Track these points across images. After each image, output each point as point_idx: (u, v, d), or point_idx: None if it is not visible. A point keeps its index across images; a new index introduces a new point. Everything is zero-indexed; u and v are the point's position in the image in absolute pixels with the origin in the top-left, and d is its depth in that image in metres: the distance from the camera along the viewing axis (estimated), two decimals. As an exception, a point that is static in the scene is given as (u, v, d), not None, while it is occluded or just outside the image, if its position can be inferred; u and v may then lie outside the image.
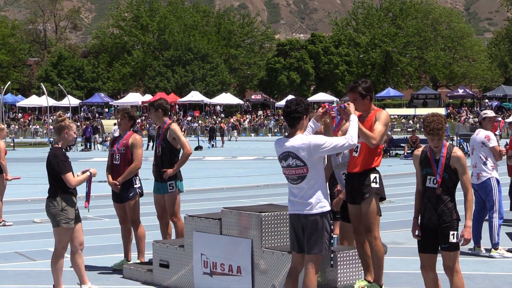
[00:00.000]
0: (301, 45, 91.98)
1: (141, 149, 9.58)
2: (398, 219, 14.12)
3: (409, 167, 28.47)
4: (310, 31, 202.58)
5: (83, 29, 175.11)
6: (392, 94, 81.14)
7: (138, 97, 79.36)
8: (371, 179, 7.44)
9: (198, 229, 8.18)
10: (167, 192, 9.66)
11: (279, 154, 6.68)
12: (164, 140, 9.69)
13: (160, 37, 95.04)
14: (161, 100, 9.92)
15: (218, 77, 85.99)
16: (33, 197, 19.18)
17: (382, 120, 7.43)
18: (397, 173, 24.88)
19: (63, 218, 7.95)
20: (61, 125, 8.03)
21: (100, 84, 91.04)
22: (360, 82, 7.61)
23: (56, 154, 7.95)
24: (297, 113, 6.58)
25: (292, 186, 6.63)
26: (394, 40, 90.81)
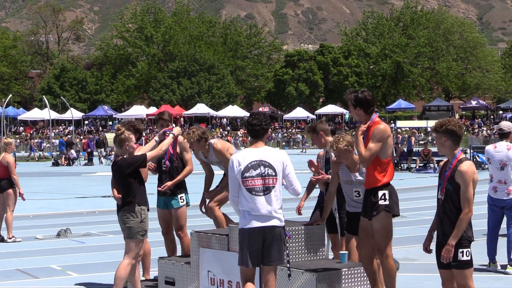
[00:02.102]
0: (310, 56, 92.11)
1: (148, 161, 9.57)
2: (410, 235, 14.09)
3: (421, 181, 28.42)
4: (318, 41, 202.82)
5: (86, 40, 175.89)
6: (403, 106, 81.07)
7: (142, 110, 79.54)
8: (379, 196, 7.34)
9: (204, 245, 8.18)
10: (177, 206, 9.67)
11: (248, 163, 6.80)
12: (173, 153, 9.72)
13: (165, 48, 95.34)
14: (169, 113, 10.01)
15: (225, 89, 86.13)
16: (35, 213, 19.20)
17: (375, 137, 7.29)
18: (409, 187, 24.82)
19: (141, 230, 8.24)
20: (121, 138, 8.29)
21: (104, 96, 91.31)
22: (357, 91, 7.50)
23: (125, 161, 8.20)
24: (262, 126, 6.94)
25: (256, 198, 6.75)
26: (405, 51, 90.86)
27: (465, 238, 6.51)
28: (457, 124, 6.58)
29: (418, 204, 19.26)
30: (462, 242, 6.49)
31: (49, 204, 21.33)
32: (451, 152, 6.61)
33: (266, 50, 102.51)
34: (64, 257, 12.39)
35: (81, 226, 16.39)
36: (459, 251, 6.47)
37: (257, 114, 7.08)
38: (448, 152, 6.63)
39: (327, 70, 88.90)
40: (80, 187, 28.06)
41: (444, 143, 6.61)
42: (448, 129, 6.56)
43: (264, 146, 6.93)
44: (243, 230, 6.80)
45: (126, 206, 8.20)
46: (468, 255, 6.51)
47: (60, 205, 21.19)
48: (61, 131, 76.86)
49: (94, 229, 15.87)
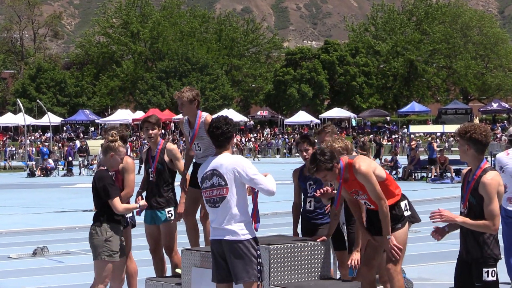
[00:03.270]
0: (313, 54, 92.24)
1: (133, 174, 9.54)
2: (425, 252, 14.08)
3: (437, 192, 28.43)
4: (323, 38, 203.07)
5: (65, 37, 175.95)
6: (417, 109, 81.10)
7: (128, 114, 79.58)
8: (403, 208, 7.67)
9: (197, 264, 8.18)
10: (166, 221, 9.69)
11: (204, 173, 7.10)
12: (161, 162, 9.74)
13: (153, 46, 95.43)
14: (157, 117, 10.02)
15: (219, 91, 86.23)
16: (8, 229, 19.18)
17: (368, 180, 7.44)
18: (424, 199, 24.83)
19: (106, 250, 8.07)
20: (109, 145, 8.27)
21: (85, 99, 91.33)
22: (318, 156, 7.53)
23: (102, 176, 8.17)
24: (228, 133, 7.07)
25: (212, 210, 7.07)
26: (419, 48, 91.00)
27: (491, 256, 6.48)
28: (483, 133, 6.51)
29: (434, 218, 19.25)
30: (488, 261, 6.46)
31: (24, 219, 21.31)
32: (474, 161, 6.57)
33: (265, 47, 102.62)
34: (40, 279, 12.37)
35: (59, 243, 16.37)
36: (483, 270, 6.45)
37: (217, 119, 7.17)
38: (471, 161, 6.59)
39: (333, 69, 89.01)
40: (59, 200, 28.03)
41: (466, 151, 6.57)
42: (473, 138, 6.50)
43: (223, 154, 7.08)
44: (211, 242, 7.15)
45: (95, 221, 8.18)
46: (494, 275, 6.48)
47: (36, 220, 21.17)
48: (38, 138, 76.83)
49: (74, 247, 15.85)
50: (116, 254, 8.09)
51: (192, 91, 9.56)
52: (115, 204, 8.06)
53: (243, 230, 6.94)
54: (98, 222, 8.13)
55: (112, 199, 8.06)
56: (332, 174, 7.53)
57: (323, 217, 8.95)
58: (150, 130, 9.82)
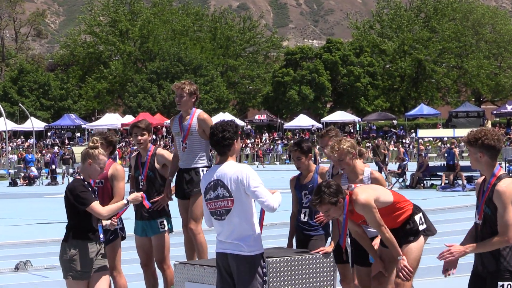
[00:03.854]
0: (315, 53, 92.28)
1: (123, 181, 9.57)
2: (434, 264, 14.03)
3: (448, 201, 28.41)
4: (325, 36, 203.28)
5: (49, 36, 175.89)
6: (425, 112, 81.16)
7: (116, 119, 79.60)
8: (418, 222, 7.71)
9: (191, 279, 8.17)
10: (156, 233, 9.69)
11: (208, 183, 7.08)
12: (151, 169, 9.75)
13: (143, 45, 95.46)
14: (148, 122, 10.04)
15: (214, 93, 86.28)
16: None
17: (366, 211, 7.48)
18: (433, 208, 24.80)
19: (71, 270, 7.89)
20: (87, 152, 8.06)
21: (70, 103, 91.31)
22: (324, 189, 7.53)
23: (74, 186, 7.94)
24: (226, 139, 7.01)
25: (218, 223, 7.07)
26: (428, 47, 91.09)
27: (507, 269, 6.48)
28: (495, 137, 6.48)
29: (444, 228, 19.24)
30: (504, 274, 6.46)
31: (6, 232, 21.27)
32: (488, 168, 6.54)
33: (263, 47, 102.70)
34: (23, 295, 12.33)
35: (43, 257, 16.33)
36: (499, 284, 6.44)
37: (215, 124, 7.14)
38: (485, 169, 6.55)
39: (335, 70, 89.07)
40: (43, 211, 27.99)
41: (479, 159, 6.53)
42: (485, 144, 6.46)
43: (227, 162, 7.05)
44: (216, 255, 7.18)
45: (64, 237, 7.99)
46: None
47: (18, 232, 21.13)
48: (20, 144, 76.79)
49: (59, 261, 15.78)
50: (83, 274, 7.84)
51: (192, 85, 9.76)
52: (96, 209, 7.80)
53: (251, 244, 6.95)
54: (65, 238, 7.93)
55: (90, 205, 7.78)
56: (335, 209, 7.50)
57: (317, 228, 8.98)
58: (139, 136, 9.83)
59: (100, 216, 7.89)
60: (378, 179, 8.35)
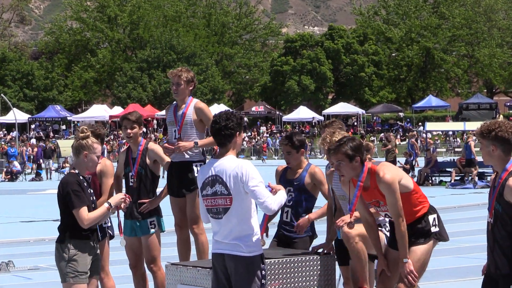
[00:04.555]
0: (316, 41, 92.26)
1: (112, 178, 9.57)
2: (443, 267, 14.08)
3: (458, 199, 28.43)
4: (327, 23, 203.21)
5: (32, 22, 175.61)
6: (434, 104, 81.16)
7: (104, 110, 79.50)
8: (431, 222, 7.67)
9: (183, 281, 8.16)
10: (147, 233, 9.68)
11: (205, 178, 7.05)
12: (142, 165, 9.74)
13: (133, 32, 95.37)
14: (139, 114, 10.01)
15: (208, 84, 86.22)
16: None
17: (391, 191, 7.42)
18: (443, 207, 24.78)
19: (71, 271, 7.77)
20: (80, 143, 7.92)
21: (56, 93, 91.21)
22: (346, 140, 7.55)
23: (68, 181, 7.80)
24: (228, 129, 6.95)
25: (214, 221, 7.05)
26: (436, 34, 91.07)
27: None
28: (510, 129, 6.47)
29: (454, 228, 19.25)
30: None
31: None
32: (500, 163, 6.54)
33: (261, 34, 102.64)
34: (5, 298, 12.34)
35: (27, 258, 16.34)
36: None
37: (218, 114, 7.09)
38: (497, 164, 6.55)
39: (338, 59, 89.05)
40: (26, 208, 27.99)
41: (492, 152, 6.53)
42: (499, 136, 6.46)
43: (226, 156, 7.00)
44: (212, 255, 7.15)
45: (58, 237, 7.88)
46: None
47: (0, 231, 21.14)
48: (2, 138, 76.75)
49: (43, 261, 15.78)
50: (83, 275, 7.76)
51: (190, 72, 9.78)
52: (81, 215, 7.64)
53: (250, 245, 6.92)
54: (61, 239, 7.82)
55: (77, 208, 7.64)
56: (348, 165, 7.43)
57: None
58: (129, 129, 9.79)
59: (82, 224, 7.69)
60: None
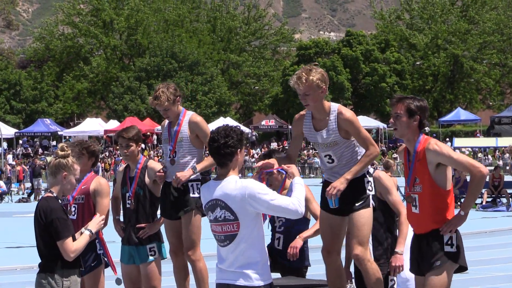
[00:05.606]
0: (332, 48, 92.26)
1: (107, 198, 9.61)
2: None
3: (490, 222, 28.29)
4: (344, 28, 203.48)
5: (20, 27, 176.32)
6: (463, 118, 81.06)
7: (99, 124, 79.53)
8: (445, 241, 7.62)
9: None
10: (146, 260, 9.69)
11: (206, 203, 7.02)
12: (141, 185, 9.75)
13: (131, 38, 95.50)
14: (137, 129, 10.00)
15: (214, 95, 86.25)
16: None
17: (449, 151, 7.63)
18: (473, 231, 24.69)
19: None
20: (60, 162, 7.80)
21: (45, 106, 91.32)
22: (412, 96, 7.86)
23: (52, 207, 7.63)
24: (228, 147, 6.90)
25: (220, 249, 7.01)
26: (465, 40, 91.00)
27: None
28: None
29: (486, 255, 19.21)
30: None
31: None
32: None
33: (271, 40, 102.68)
34: (-11, 331, 12.33)
35: (13, 287, 16.34)
36: None
37: (217, 129, 7.04)
38: None
39: (357, 67, 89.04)
40: (12, 233, 27.99)
41: None
42: None
43: (227, 177, 6.95)
44: (216, 286, 7.10)
45: (44, 268, 7.73)
46: None
47: (-17, 258, 21.12)
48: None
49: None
50: None
51: (168, 88, 9.64)
52: (66, 246, 7.55)
53: (259, 274, 6.88)
54: (48, 269, 7.66)
55: (63, 240, 7.55)
56: (406, 121, 7.68)
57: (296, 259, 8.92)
58: (125, 149, 9.82)
59: (66, 257, 7.59)
60: (350, 119, 8.22)
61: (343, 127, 8.18)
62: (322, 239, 8.55)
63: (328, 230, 8.49)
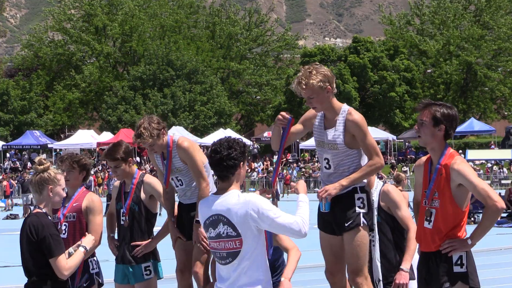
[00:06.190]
0: (338, 55, 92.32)
1: (100, 215, 9.61)
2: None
3: (505, 239, 28.27)
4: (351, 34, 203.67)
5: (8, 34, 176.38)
6: (476, 128, 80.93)
7: (91, 136, 79.49)
8: (454, 261, 7.64)
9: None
10: (141, 280, 9.73)
11: (206, 219, 6.99)
12: (136, 201, 9.80)
13: (125, 45, 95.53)
14: (123, 145, 10.04)
15: (213, 105, 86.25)
16: None
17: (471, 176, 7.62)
18: (487, 248, 24.70)
19: None
20: (42, 177, 7.86)
21: (34, 117, 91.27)
22: (443, 104, 7.86)
23: (44, 223, 7.66)
24: (231, 159, 6.92)
25: (220, 267, 6.99)
26: (479, 47, 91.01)
27: None
28: None
29: (500, 273, 19.21)
30: None
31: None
32: None
33: (274, 47, 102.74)
34: None
35: (1, 309, 16.37)
36: None
37: (219, 141, 7.05)
38: None
39: (364, 76, 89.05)
40: (0, 252, 28.00)
41: None
42: None
43: (229, 191, 6.96)
44: None
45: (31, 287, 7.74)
46: None
47: (-31, 278, 21.15)
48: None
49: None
50: None
51: (150, 123, 9.59)
52: (60, 264, 7.58)
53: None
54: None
55: (56, 257, 7.58)
56: (430, 129, 7.70)
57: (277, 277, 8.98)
58: (114, 170, 9.92)
59: (60, 275, 7.62)
60: (358, 121, 8.40)
61: (350, 129, 8.31)
62: (325, 260, 8.64)
63: (329, 250, 8.61)
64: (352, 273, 8.31)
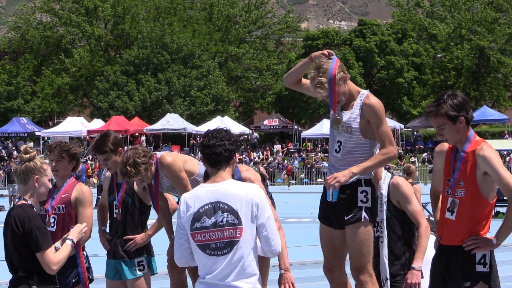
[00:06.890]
0: (343, 39, 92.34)
1: (91, 207, 9.52)
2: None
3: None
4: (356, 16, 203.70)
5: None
6: (489, 117, 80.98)
7: (81, 124, 79.53)
8: (477, 260, 7.62)
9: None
10: (134, 276, 9.68)
11: (199, 207, 6.93)
12: (129, 193, 9.73)
13: (117, 27, 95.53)
14: (111, 135, 9.98)
15: (210, 91, 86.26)
16: None
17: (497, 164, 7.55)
18: (502, 245, 24.65)
19: None
20: (28, 166, 7.86)
21: (21, 103, 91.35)
22: (446, 97, 7.72)
23: (30, 216, 7.66)
24: (231, 146, 7.03)
25: (213, 259, 6.90)
26: (492, 30, 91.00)
27: None
28: None
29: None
30: None
31: None
32: None
33: (275, 30, 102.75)
34: None
35: (-15, 307, 16.33)
36: None
37: (214, 131, 7.11)
38: None
39: (370, 61, 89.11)
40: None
41: None
42: None
43: (227, 180, 6.99)
44: None
45: (18, 286, 7.74)
46: None
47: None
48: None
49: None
50: None
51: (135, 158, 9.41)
52: (49, 258, 7.58)
53: (252, 284, 6.92)
54: (23, 285, 7.67)
55: (44, 251, 7.58)
56: (452, 128, 7.63)
57: None
58: (105, 163, 9.95)
59: (48, 269, 7.63)
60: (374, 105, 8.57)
61: (366, 114, 8.40)
62: (323, 254, 8.65)
63: (327, 244, 8.64)
64: (355, 270, 8.30)
